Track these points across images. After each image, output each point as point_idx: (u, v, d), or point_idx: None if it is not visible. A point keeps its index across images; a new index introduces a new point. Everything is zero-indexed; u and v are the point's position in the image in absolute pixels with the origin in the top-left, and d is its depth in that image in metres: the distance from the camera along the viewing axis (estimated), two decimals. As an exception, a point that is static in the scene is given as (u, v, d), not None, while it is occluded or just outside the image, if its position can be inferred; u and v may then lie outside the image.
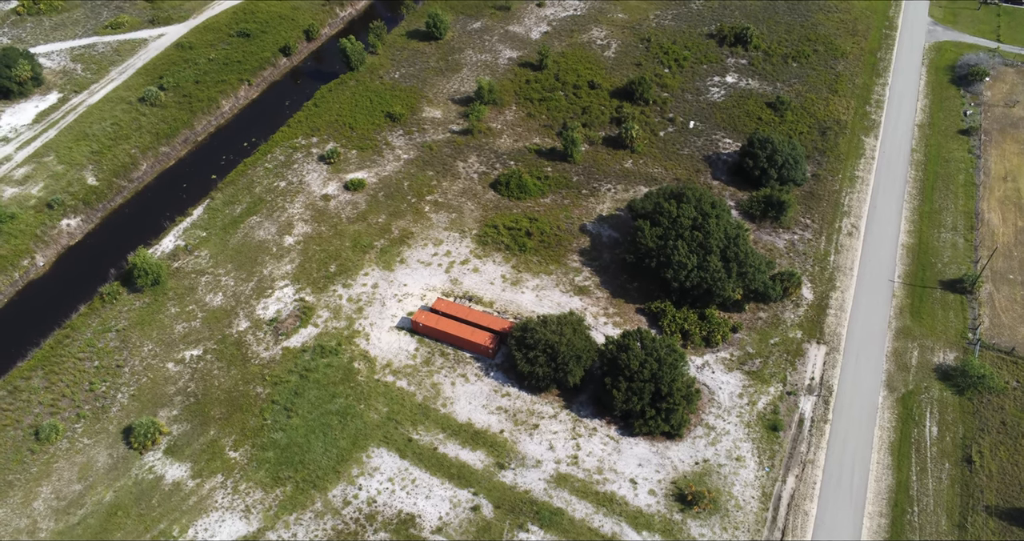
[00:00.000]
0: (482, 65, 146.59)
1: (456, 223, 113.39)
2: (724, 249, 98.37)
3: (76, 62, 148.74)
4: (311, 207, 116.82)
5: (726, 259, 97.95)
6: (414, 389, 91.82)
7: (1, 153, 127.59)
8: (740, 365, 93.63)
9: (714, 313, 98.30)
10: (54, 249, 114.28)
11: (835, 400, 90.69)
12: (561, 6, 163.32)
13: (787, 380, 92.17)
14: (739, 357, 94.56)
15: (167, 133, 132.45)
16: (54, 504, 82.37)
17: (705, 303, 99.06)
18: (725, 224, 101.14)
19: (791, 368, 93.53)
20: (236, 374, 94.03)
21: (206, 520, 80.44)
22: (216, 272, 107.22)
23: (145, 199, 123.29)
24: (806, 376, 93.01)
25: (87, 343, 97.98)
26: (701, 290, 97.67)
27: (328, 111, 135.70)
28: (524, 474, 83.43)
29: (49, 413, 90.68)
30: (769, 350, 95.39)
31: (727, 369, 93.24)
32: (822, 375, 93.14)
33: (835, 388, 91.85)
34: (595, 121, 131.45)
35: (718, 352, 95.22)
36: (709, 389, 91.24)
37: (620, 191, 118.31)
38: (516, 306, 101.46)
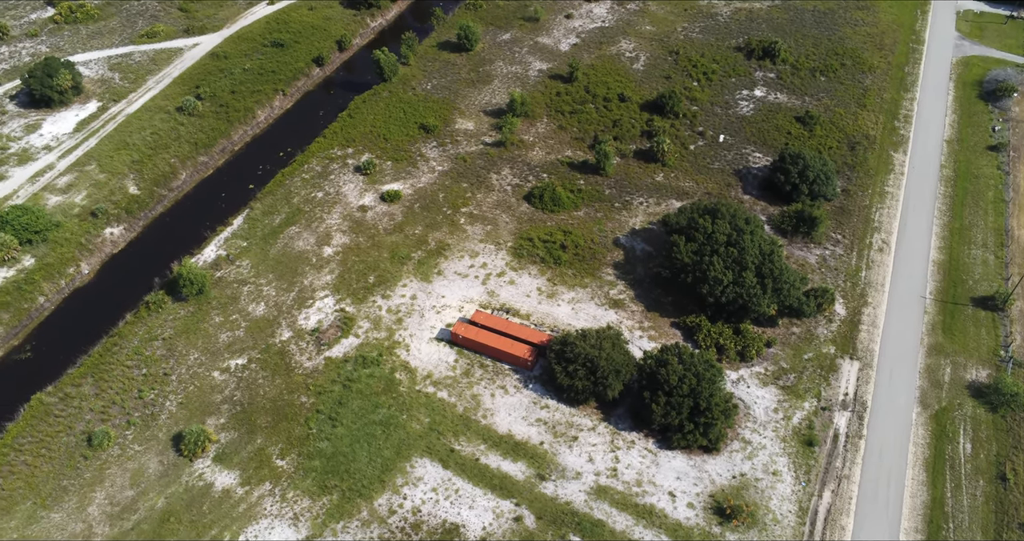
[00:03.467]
0: (513, 77, 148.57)
1: (491, 235, 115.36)
2: (759, 265, 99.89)
3: (114, 71, 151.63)
4: (349, 218, 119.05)
5: (761, 275, 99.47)
6: (455, 400, 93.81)
7: (44, 161, 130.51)
8: (775, 380, 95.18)
9: (749, 328, 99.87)
10: (98, 257, 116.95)
11: (869, 416, 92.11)
12: (589, 18, 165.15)
13: (821, 395, 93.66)
14: (774, 372, 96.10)
15: (205, 142, 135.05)
16: (108, 510, 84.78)
17: (740, 318, 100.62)
18: (759, 240, 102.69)
19: (825, 383, 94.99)
20: (280, 383, 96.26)
21: (256, 527, 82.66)
22: (258, 282, 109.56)
23: (185, 208, 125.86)
24: (840, 391, 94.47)
25: (134, 351, 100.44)
26: (736, 305, 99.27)
27: (362, 122, 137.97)
28: (565, 486, 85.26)
29: (100, 420, 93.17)
30: (803, 365, 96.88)
31: (762, 384, 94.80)
32: (856, 391, 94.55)
33: (869, 404, 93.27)
34: (626, 134, 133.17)
35: (753, 367, 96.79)
36: (745, 404, 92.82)
37: (652, 204, 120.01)
38: (552, 319, 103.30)
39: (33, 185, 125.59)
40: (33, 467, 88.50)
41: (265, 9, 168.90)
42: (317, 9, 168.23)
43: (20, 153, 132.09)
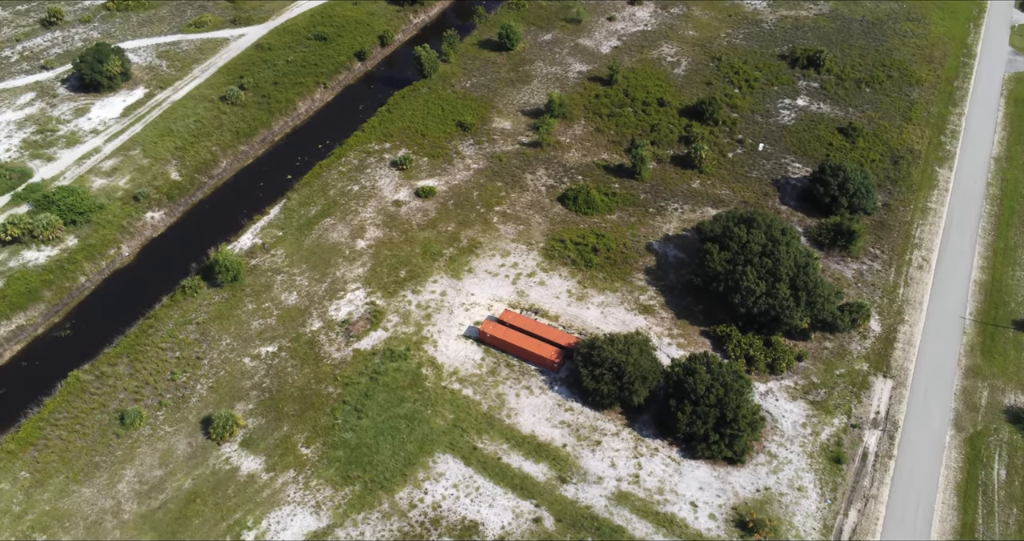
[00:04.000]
0: (552, 78, 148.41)
1: (523, 235, 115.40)
2: (793, 277, 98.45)
3: (162, 58, 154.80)
4: (383, 212, 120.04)
5: (795, 287, 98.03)
6: (479, 398, 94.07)
7: (91, 144, 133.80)
8: (804, 394, 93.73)
9: (780, 340, 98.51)
10: (138, 240, 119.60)
11: (901, 436, 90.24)
12: (631, 21, 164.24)
13: (852, 412, 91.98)
14: (803, 386, 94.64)
15: (246, 132, 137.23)
16: (137, 487, 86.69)
17: (771, 330, 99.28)
18: (795, 252, 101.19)
19: (856, 400, 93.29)
20: (309, 372, 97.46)
21: (278, 513, 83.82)
22: (291, 271, 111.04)
23: (224, 196, 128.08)
24: (871, 409, 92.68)
25: (169, 334, 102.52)
26: (768, 317, 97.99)
27: (401, 117, 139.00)
28: (586, 489, 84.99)
29: (133, 399, 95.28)
30: (834, 381, 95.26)
31: (791, 398, 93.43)
32: (888, 410, 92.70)
33: (901, 424, 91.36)
34: (663, 139, 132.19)
35: (782, 380, 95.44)
36: (772, 417, 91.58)
37: (687, 211, 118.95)
38: (581, 321, 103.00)
39: (79, 167, 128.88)
40: (67, 442, 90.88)
41: (310, 2, 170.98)
42: (361, 4, 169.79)
43: (68, 136, 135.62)
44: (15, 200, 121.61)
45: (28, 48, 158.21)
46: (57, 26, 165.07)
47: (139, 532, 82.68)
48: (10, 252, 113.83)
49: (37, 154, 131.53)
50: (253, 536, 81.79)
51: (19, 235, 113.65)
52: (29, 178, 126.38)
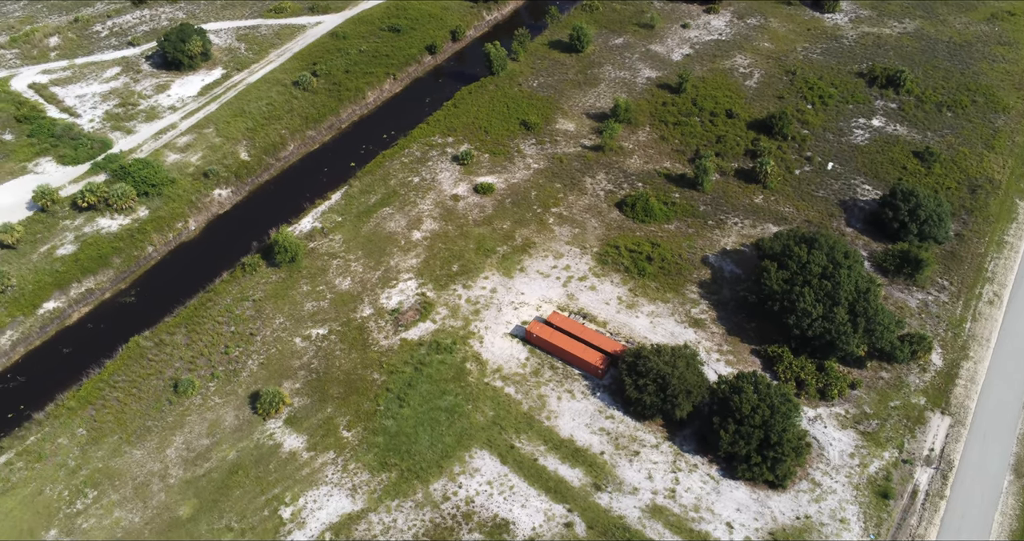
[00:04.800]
0: (620, 82, 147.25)
1: (578, 238, 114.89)
2: (853, 302, 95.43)
3: (241, 41, 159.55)
4: (440, 205, 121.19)
5: (854, 313, 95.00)
6: (521, 398, 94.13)
7: (168, 120, 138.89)
8: (855, 424, 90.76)
9: (833, 366, 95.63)
10: (205, 216, 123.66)
11: (955, 476, 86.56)
12: (706, 29, 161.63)
13: (904, 447, 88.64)
14: (855, 415, 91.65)
15: (315, 118, 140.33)
16: (184, 454, 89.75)
17: (825, 354, 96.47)
18: (857, 276, 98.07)
19: (910, 435, 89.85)
20: (356, 358, 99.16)
21: (316, 492, 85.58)
22: (347, 257, 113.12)
23: (289, 178, 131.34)
24: (925, 446, 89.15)
25: (226, 308, 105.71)
26: (823, 341, 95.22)
27: (466, 113, 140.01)
28: (620, 499, 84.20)
29: (188, 369, 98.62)
30: (888, 413, 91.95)
31: (840, 426, 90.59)
32: (943, 448, 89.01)
33: (956, 464, 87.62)
34: (729, 151, 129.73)
35: (833, 407, 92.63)
36: (819, 444, 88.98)
37: (747, 226, 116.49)
38: (629, 330, 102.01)
39: (156, 141, 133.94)
40: (123, 404, 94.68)
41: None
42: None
43: (148, 110, 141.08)
44: (94, 169, 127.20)
45: (118, 24, 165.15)
46: (146, 5, 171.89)
47: (183, 497, 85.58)
48: (86, 218, 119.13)
49: (118, 126, 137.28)
50: (290, 512, 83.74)
51: (95, 202, 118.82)
52: (109, 149, 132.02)
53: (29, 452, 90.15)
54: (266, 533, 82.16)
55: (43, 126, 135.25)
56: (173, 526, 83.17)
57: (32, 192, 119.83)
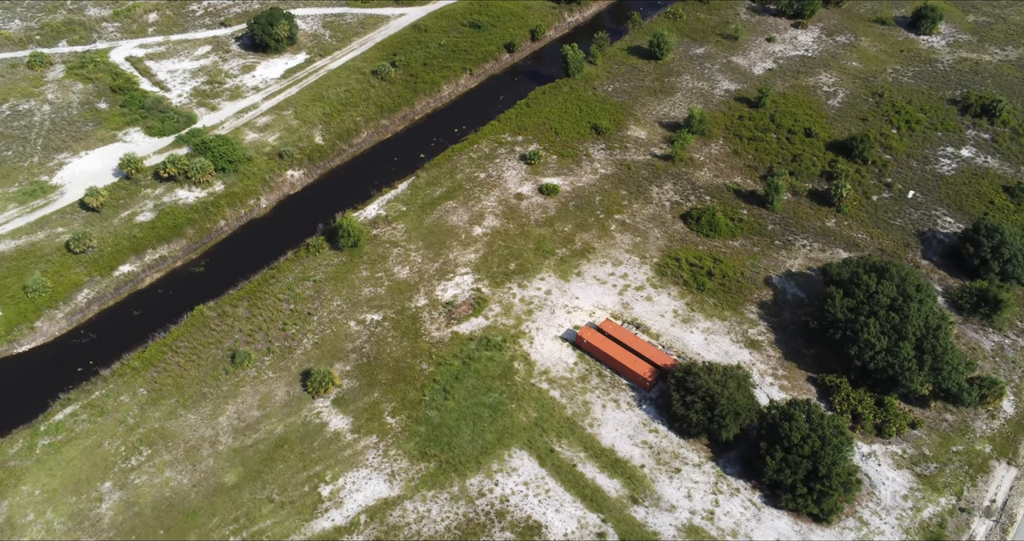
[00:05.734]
0: (697, 93, 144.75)
1: (639, 247, 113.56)
2: (921, 338, 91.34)
3: (326, 28, 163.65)
4: (504, 203, 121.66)
5: (921, 349, 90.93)
6: (565, 402, 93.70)
7: (251, 100, 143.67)
8: (912, 465, 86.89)
9: (894, 402, 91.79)
10: (276, 195, 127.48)
11: (1015, 532, 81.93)
12: (792, 44, 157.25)
13: (963, 495, 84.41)
14: (912, 456, 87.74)
15: (390, 107, 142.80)
16: (235, 423, 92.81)
17: (886, 390, 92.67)
18: (928, 311, 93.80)
19: (970, 483, 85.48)
20: (407, 346, 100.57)
21: (355, 474, 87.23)
22: (408, 247, 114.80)
23: (359, 165, 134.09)
24: (986, 496, 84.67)
25: (288, 287, 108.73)
26: (885, 375, 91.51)
27: (538, 113, 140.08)
28: (656, 515, 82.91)
29: (246, 341, 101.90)
30: (949, 457, 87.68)
31: (896, 465, 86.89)
32: (1006, 500, 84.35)
33: (1018, 519, 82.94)
34: (804, 171, 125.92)
35: (889, 445, 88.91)
36: (871, 481, 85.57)
37: (816, 250, 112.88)
38: (682, 344, 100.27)
39: (237, 120, 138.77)
40: (183, 369, 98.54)
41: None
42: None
43: (233, 89, 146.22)
44: (178, 142, 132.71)
45: (212, 5, 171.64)
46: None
47: (229, 464, 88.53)
48: (166, 188, 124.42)
49: (203, 103, 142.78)
50: (329, 490, 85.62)
51: (175, 174, 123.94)
52: (193, 123, 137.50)
53: (93, 406, 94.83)
54: (304, 508, 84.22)
55: (135, 98, 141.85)
56: (218, 491, 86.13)
57: (119, 160, 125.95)
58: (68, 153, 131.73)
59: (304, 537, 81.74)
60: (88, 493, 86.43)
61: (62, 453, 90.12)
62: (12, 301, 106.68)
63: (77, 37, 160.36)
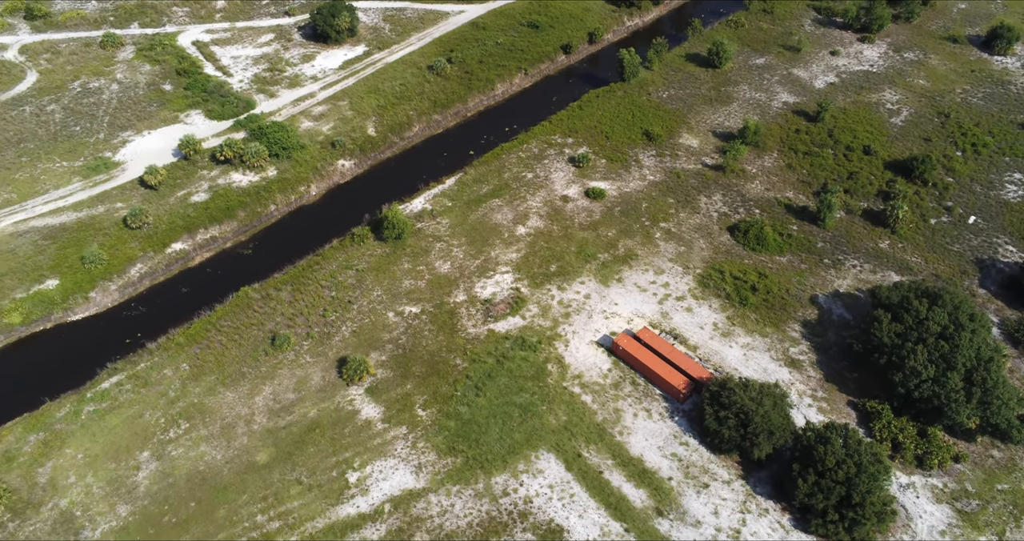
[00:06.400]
0: (753, 103, 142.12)
1: (682, 257, 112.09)
2: (971, 370, 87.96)
3: (386, 22, 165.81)
4: (549, 204, 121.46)
5: (970, 381, 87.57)
6: (596, 408, 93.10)
7: (308, 89, 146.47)
8: (952, 500, 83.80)
9: (937, 433, 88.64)
10: (326, 183, 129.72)
11: (1058, 579, 78.43)
12: (857, 59, 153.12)
13: (1005, 535, 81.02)
14: (953, 491, 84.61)
15: (443, 103, 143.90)
16: (271, 404, 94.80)
17: (930, 420, 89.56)
18: (981, 342, 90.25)
19: (1014, 524, 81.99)
20: (443, 340, 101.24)
21: (383, 463, 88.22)
22: (450, 242, 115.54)
23: (409, 158, 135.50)
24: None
25: (331, 274, 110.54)
26: (930, 405, 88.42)
27: (590, 116, 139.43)
28: (680, 529, 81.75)
29: (286, 325, 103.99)
30: (993, 495, 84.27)
31: (935, 499, 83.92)
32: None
33: (1062, 565, 79.37)
34: (860, 189, 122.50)
35: (930, 477, 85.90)
36: (907, 513, 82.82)
37: (866, 271, 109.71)
38: (720, 358, 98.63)
39: (294, 108, 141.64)
40: (225, 348, 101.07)
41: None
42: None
43: (292, 78, 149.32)
44: (236, 126, 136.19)
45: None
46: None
47: (262, 444, 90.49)
48: (221, 171, 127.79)
49: (263, 89, 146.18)
50: (356, 477, 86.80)
51: (231, 157, 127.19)
52: (251, 109, 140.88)
53: (138, 377, 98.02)
54: (331, 493, 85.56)
55: (198, 81, 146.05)
56: (250, 469, 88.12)
57: (179, 140, 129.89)
58: (132, 131, 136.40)
59: (328, 521, 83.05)
60: (127, 461, 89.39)
61: (105, 420, 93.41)
62: (70, 271, 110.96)
63: (148, 20, 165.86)
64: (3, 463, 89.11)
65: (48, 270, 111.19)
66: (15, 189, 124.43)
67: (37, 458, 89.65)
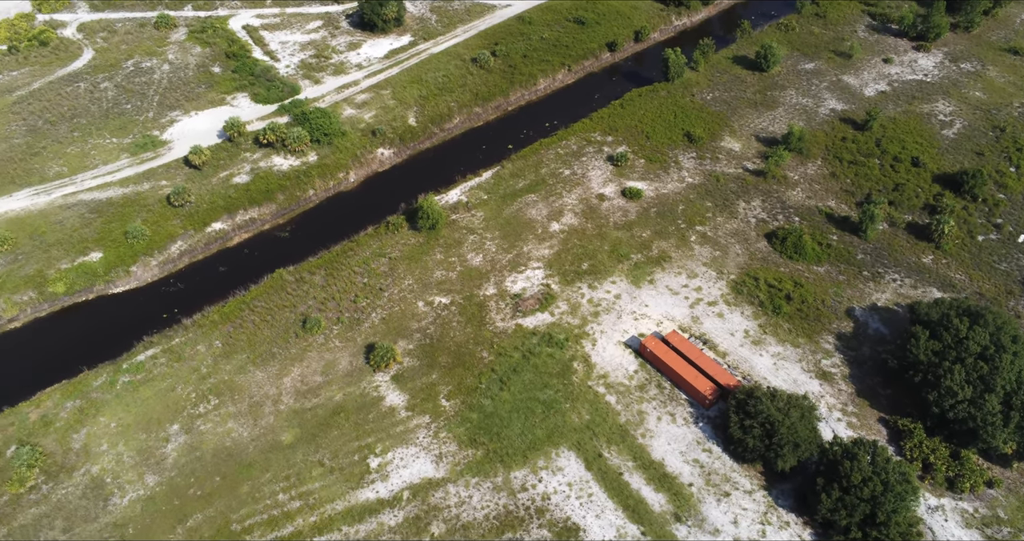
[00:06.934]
0: (800, 109, 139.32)
1: (717, 262, 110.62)
2: (1011, 393, 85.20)
3: (433, 13, 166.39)
4: (584, 202, 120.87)
5: (1009, 405, 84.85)
6: (620, 409, 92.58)
7: (352, 77, 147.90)
8: (983, 526, 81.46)
9: (971, 457, 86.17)
10: (365, 171, 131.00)
11: (1089, 614, 75.75)
12: (910, 67, 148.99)
13: (1035, 566, 78.64)
14: (984, 517, 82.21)
15: (485, 96, 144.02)
16: (298, 386, 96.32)
17: (964, 442, 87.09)
18: (1022, 365, 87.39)
19: (1045, 555, 79.51)
20: (470, 332, 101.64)
21: (404, 451, 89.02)
22: (484, 235, 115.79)
23: (448, 150, 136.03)
24: (1061, 571, 78.55)
25: (364, 261, 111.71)
26: (965, 427, 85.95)
27: (631, 115, 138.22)
28: (698, 536, 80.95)
29: (318, 309, 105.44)
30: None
31: (965, 524, 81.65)
32: (1083, 579, 78.02)
33: (1095, 601, 76.63)
34: (905, 202, 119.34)
35: (960, 501, 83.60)
36: (934, 536, 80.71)
37: (907, 286, 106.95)
38: (749, 366, 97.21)
39: (338, 95, 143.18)
40: (257, 328, 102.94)
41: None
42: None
43: (337, 65, 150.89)
44: (280, 111, 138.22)
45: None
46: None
47: (288, 424, 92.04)
48: (263, 154, 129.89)
49: (308, 75, 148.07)
50: (377, 463, 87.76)
51: (274, 141, 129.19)
52: (296, 94, 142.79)
53: (172, 351, 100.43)
54: (352, 477, 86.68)
55: (247, 65, 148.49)
56: (274, 448, 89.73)
57: (224, 122, 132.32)
58: (180, 111, 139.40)
59: (348, 504, 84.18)
60: (157, 432, 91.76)
61: (139, 392, 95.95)
62: (114, 245, 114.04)
63: (202, 2, 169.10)
64: (40, 427, 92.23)
65: (93, 243, 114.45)
66: (66, 163, 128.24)
67: (73, 424, 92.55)
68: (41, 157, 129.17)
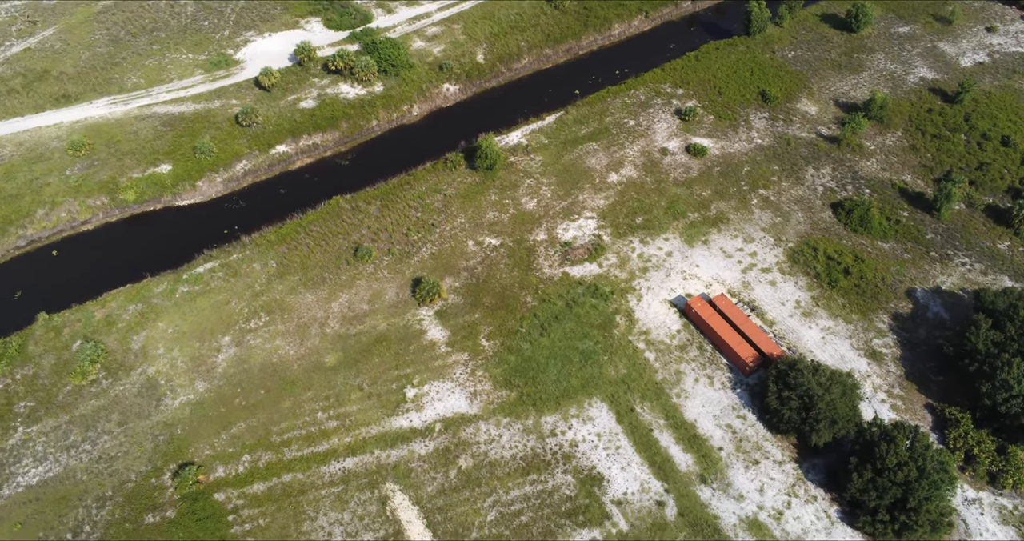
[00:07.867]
0: (886, 75, 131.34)
1: (776, 228, 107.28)
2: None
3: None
4: (646, 155, 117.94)
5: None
6: (658, 366, 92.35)
7: (425, 9, 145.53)
8: (1021, 523, 79.44)
9: (1018, 453, 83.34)
10: (429, 105, 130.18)
11: (1117, 622, 73.90)
12: (1016, 38, 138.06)
13: (1067, 568, 76.69)
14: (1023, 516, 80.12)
15: (556, 37, 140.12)
16: (345, 311, 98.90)
17: (1013, 438, 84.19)
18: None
19: (1080, 558, 77.35)
20: (517, 276, 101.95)
21: (440, 385, 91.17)
22: (540, 180, 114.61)
23: (513, 90, 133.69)
24: (1094, 577, 76.46)
25: (419, 195, 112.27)
26: (1016, 422, 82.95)
27: (705, 68, 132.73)
28: (721, 500, 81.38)
29: (370, 239, 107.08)
30: (1063, 525, 79.40)
31: (1002, 520, 79.77)
32: (1117, 587, 75.84)
33: (1125, 610, 74.59)
34: (988, 183, 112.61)
35: (1000, 496, 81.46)
36: (967, 528, 79.23)
37: (976, 272, 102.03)
38: (796, 337, 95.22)
39: (409, 26, 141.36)
40: (311, 251, 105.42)
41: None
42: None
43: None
44: (351, 38, 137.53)
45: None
46: None
47: (332, 347, 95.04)
48: (331, 80, 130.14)
49: (381, 4, 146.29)
50: (414, 393, 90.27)
51: (342, 68, 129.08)
52: (368, 23, 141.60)
53: (230, 266, 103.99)
54: (388, 404, 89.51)
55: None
56: (317, 369, 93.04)
57: (296, 46, 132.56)
58: (254, 32, 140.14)
59: (382, 429, 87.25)
60: (210, 342, 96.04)
61: (196, 302, 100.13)
62: (183, 159, 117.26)
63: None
64: (104, 326, 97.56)
65: (163, 155, 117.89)
66: (144, 75, 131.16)
67: (133, 326, 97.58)
68: (121, 67, 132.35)
